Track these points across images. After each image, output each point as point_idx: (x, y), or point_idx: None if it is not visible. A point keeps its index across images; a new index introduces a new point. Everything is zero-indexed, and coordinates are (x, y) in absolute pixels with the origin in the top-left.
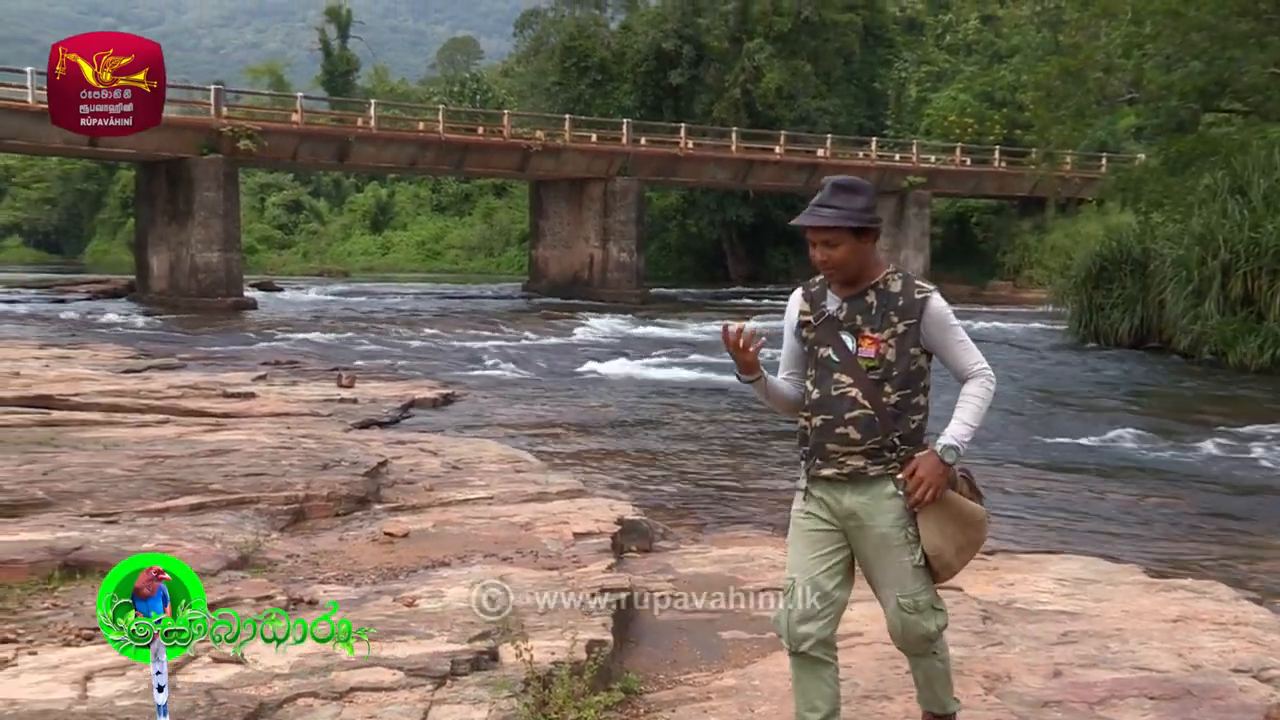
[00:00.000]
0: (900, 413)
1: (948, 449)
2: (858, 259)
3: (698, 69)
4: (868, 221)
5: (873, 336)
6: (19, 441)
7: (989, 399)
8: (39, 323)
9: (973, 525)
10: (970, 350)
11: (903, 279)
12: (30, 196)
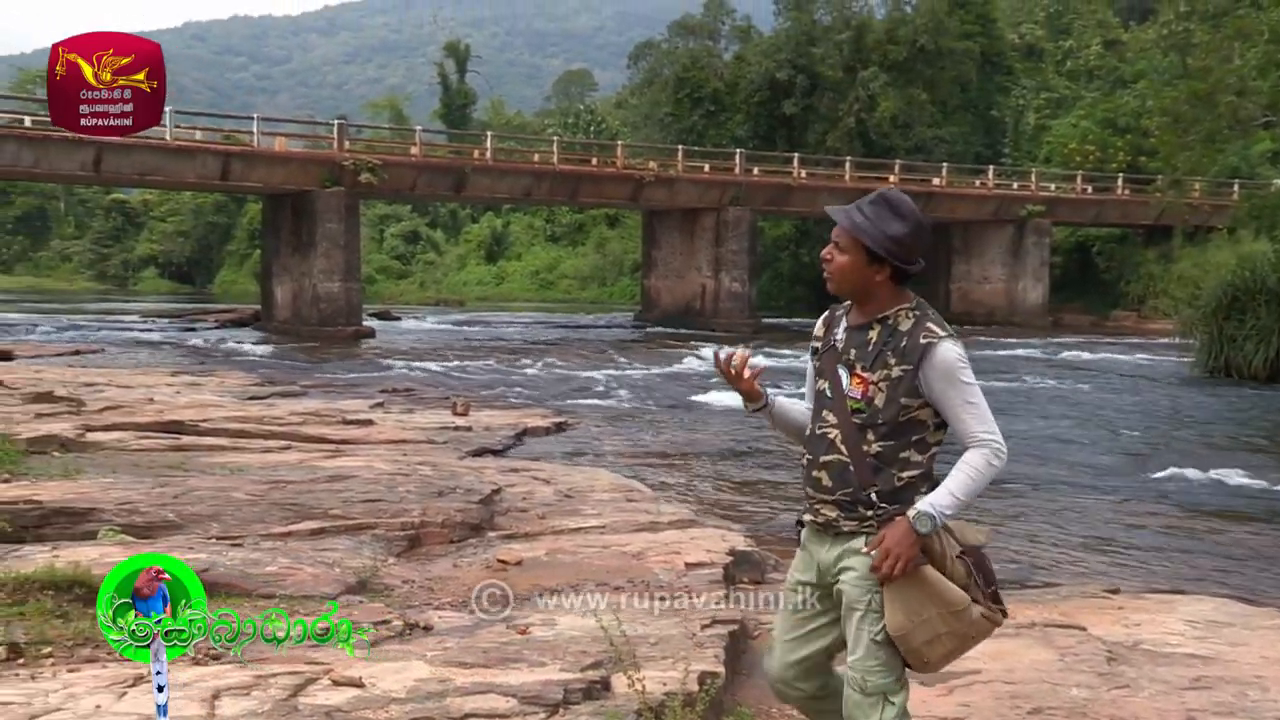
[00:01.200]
0: (882, 465)
1: (921, 516)
2: (863, 283)
3: (811, 98)
4: (887, 252)
5: (863, 376)
6: (152, 466)
7: (988, 474)
8: (171, 350)
9: (954, 614)
10: (978, 415)
11: (916, 318)
12: (166, 229)
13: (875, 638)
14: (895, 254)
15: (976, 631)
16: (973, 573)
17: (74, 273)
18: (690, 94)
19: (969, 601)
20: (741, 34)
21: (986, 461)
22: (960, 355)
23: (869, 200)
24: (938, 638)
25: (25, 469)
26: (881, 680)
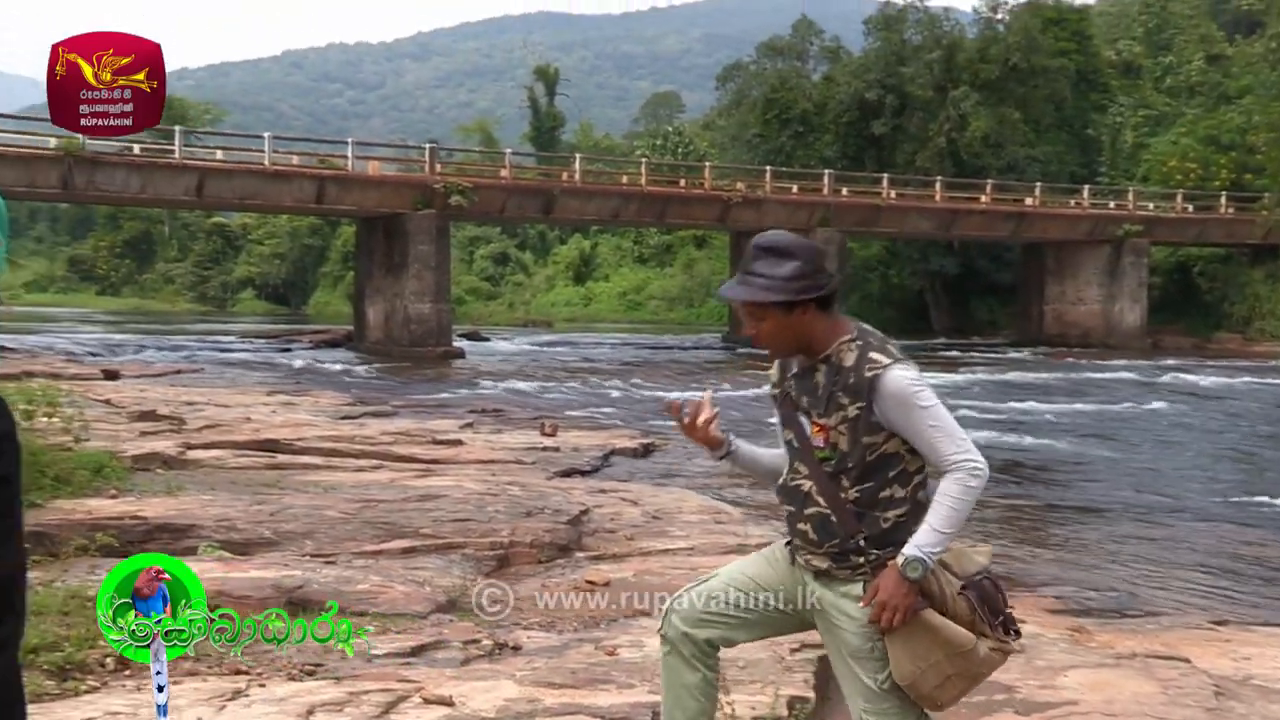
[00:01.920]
0: (864, 510)
1: (910, 563)
2: (794, 333)
3: (901, 118)
4: (796, 293)
5: (821, 423)
6: (249, 483)
7: (970, 497)
8: (267, 370)
9: (961, 655)
10: (946, 437)
11: (859, 349)
12: (263, 252)
13: (883, 685)
14: (805, 289)
15: (988, 668)
16: (976, 608)
17: (176, 294)
18: (778, 115)
19: (975, 640)
20: (830, 54)
21: (964, 485)
22: (912, 379)
23: (751, 260)
24: (947, 680)
25: (131, 485)
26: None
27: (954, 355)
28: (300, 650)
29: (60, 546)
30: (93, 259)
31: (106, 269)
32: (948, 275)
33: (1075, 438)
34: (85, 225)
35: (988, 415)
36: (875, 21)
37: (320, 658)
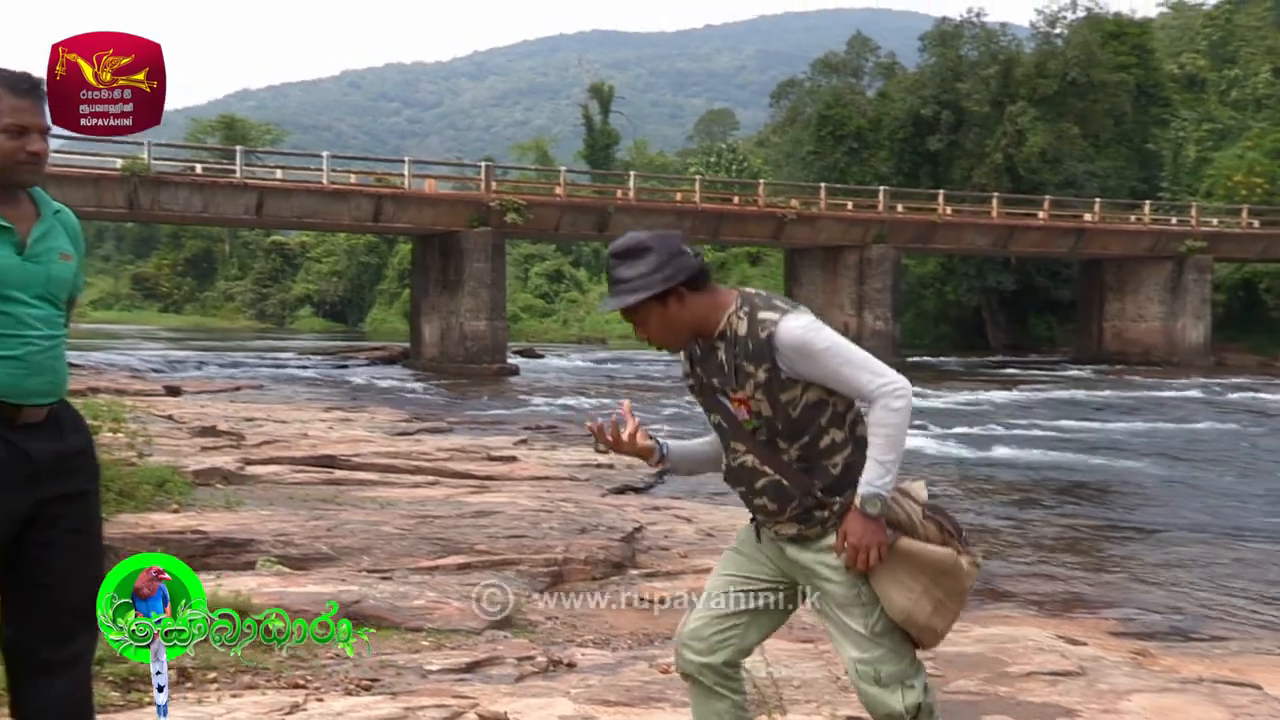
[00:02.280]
0: (811, 464)
1: (868, 500)
2: (680, 322)
3: (957, 134)
4: (663, 282)
5: (738, 396)
6: (307, 499)
7: (901, 420)
8: (325, 387)
9: (946, 574)
10: (858, 369)
11: (748, 315)
12: (321, 270)
13: (875, 629)
14: (669, 277)
15: (970, 582)
16: (946, 527)
17: (236, 312)
18: (833, 131)
19: (955, 556)
20: (885, 71)
21: (889, 409)
22: (805, 325)
23: (611, 269)
24: (939, 605)
25: (192, 500)
26: (895, 667)
27: (1011, 373)
28: (357, 665)
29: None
30: (156, 277)
31: (169, 287)
32: (1005, 292)
33: (1137, 457)
34: (149, 244)
35: (1046, 433)
36: (931, 37)
37: (376, 673)
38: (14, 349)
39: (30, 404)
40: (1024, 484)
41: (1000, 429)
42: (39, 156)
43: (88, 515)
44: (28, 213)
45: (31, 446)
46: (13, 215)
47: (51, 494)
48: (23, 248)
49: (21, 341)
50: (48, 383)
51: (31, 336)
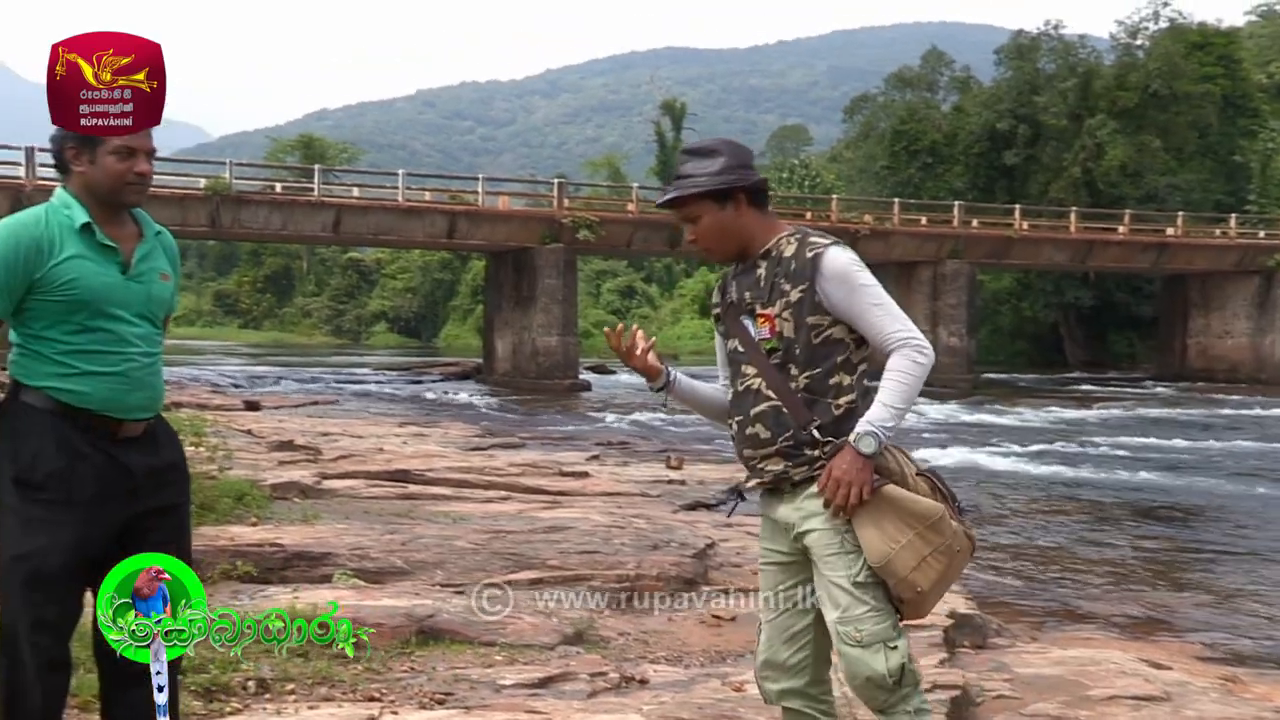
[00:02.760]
0: (815, 398)
1: (864, 437)
2: (732, 230)
3: (1034, 148)
4: (725, 183)
5: (765, 313)
6: (382, 513)
7: (918, 373)
8: (399, 402)
9: (932, 528)
10: (889, 314)
11: (798, 240)
12: (396, 286)
13: (857, 579)
14: (735, 180)
15: (960, 545)
16: (939, 486)
17: (313, 328)
18: (907, 146)
19: (943, 510)
20: (960, 85)
21: (912, 360)
22: (852, 258)
23: (679, 165)
24: (924, 560)
25: (270, 514)
26: (876, 626)
27: (1091, 390)
28: (431, 680)
29: (205, 571)
30: (236, 294)
31: (249, 303)
32: (1083, 308)
33: (1223, 476)
34: (230, 262)
35: (1127, 452)
36: (1008, 51)
37: (451, 687)
38: (116, 365)
39: (130, 419)
40: (1104, 503)
41: (1079, 447)
42: (145, 177)
43: (179, 528)
44: (131, 233)
45: (131, 460)
46: (118, 235)
47: (146, 507)
48: (127, 267)
49: (123, 358)
50: (146, 398)
51: (132, 353)
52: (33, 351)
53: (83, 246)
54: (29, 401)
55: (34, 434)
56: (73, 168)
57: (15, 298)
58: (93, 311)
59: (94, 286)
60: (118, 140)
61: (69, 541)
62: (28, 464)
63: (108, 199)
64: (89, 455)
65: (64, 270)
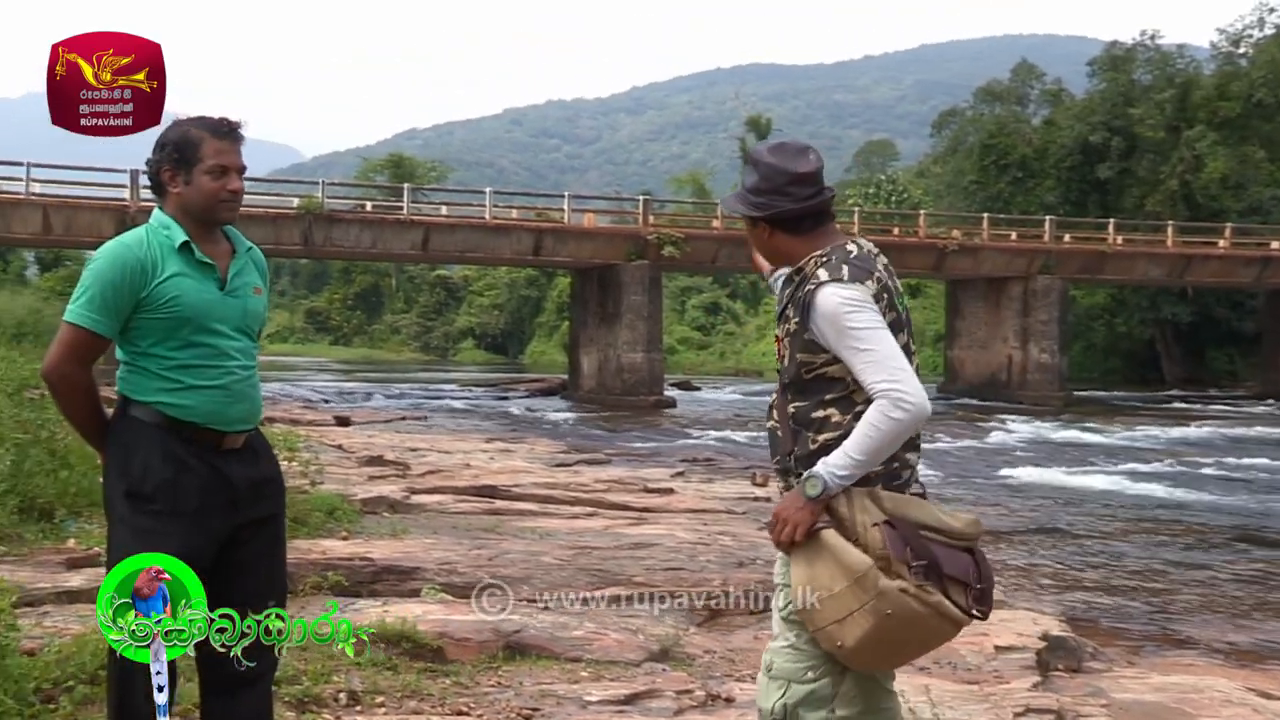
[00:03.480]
0: (799, 428)
1: (811, 478)
2: (765, 248)
3: (1128, 161)
4: (750, 207)
5: (777, 334)
6: (469, 528)
7: (890, 428)
8: (486, 418)
9: (858, 583)
10: (873, 362)
11: (825, 263)
12: (482, 303)
13: (783, 613)
14: (757, 205)
15: (895, 607)
16: (889, 542)
17: (402, 344)
18: (996, 160)
19: (869, 565)
20: (1052, 98)
21: (883, 414)
22: (845, 299)
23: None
24: (850, 616)
25: (360, 528)
26: (787, 664)
27: (1188, 408)
28: (518, 695)
29: (297, 584)
30: (327, 311)
31: (339, 320)
32: (1181, 324)
33: None
34: (321, 280)
35: (1229, 473)
36: (1101, 62)
37: (537, 702)
38: (218, 379)
39: (232, 431)
40: (1204, 526)
41: (1177, 467)
42: (238, 195)
43: (276, 539)
44: (225, 250)
45: (232, 472)
46: (213, 252)
47: (246, 518)
48: (223, 283)
49: (224, 371)
50: (246, 410)
51: (233, 366)
52: (139, 368)
53: (183, 265)
54: (137, 416)
55: (142, 447)
56: (169, 189)
57: (122, 317)
58: (195, 327)
59: (195, 303)
60: (211, 160)
61: (176, 551)
62: (137, 476)
63: (202, 217)
64: (194, 467)
65: (167, 288)
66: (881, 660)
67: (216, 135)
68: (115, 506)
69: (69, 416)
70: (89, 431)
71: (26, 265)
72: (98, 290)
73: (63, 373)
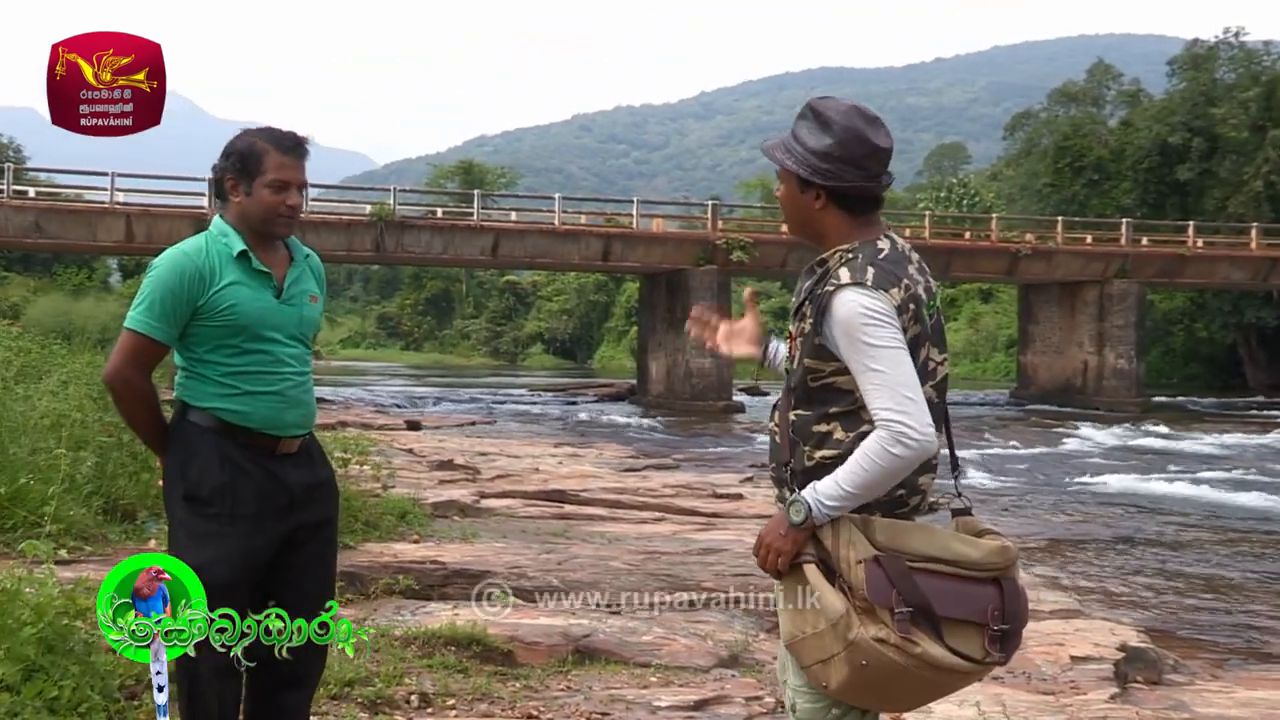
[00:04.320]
0: (797, 439)
1: (796, 503)
2: (801, 214)
3: (1209, 162)
4: (813, 171)
5: (791, 331)
6: (539, 532)
7: (886, 463)
8: (555, 422)
9: (834, 626)
10: (881, 389)
11: (849, 261)
12: (551, 309)
13: (786, 645)
14: (822, 172)
15: (869, 659)
16: (869, 585)
17: (472, 349)
18: (1071, 163)
19: (841, 613)
20: (1129, 98)
21: (883, 448)
22: (865, 309)
23: (799, 116)
24: (833, 660)
25: (430, 531)
26: (810, 705)
27: (1273, 415)
28: (587, 699)
29: (369, 587)
30: (398, 316)
31: (410, 325)
32: (1266, 328)
33: None
34: (392, 285)
35: None
36: (1182, 61)
37: (607, 707)
38: (274, 385)
39: (287, 435)
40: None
41: (1262, 475)
42: (296, 210)
43: (330, 542)
44: (282, 258)
45: (288, 476)
46: (270, 261)
47: (301, 521)
48: (279, 292)
49: (280, 378)
50: (301, 415)
51: (288, 373)
52: (197, 374)
53: (240, 273)
54: (194, 421)
55: (200, 452)
56: (230, 197)
57: (180, 324)
58: (250, 334)
59: (250, 311)
60: (273, 174)
61: (235, 553)
62: (195, 481)
63: (259, 229)
64: (250, 471)
65: (224, 296)
66: (881, 704)
67: (280, 149)
68: (174, 510)
69: (130, 422)
70: (149, 437)
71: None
72: (157, 297)
73: (124, 378)
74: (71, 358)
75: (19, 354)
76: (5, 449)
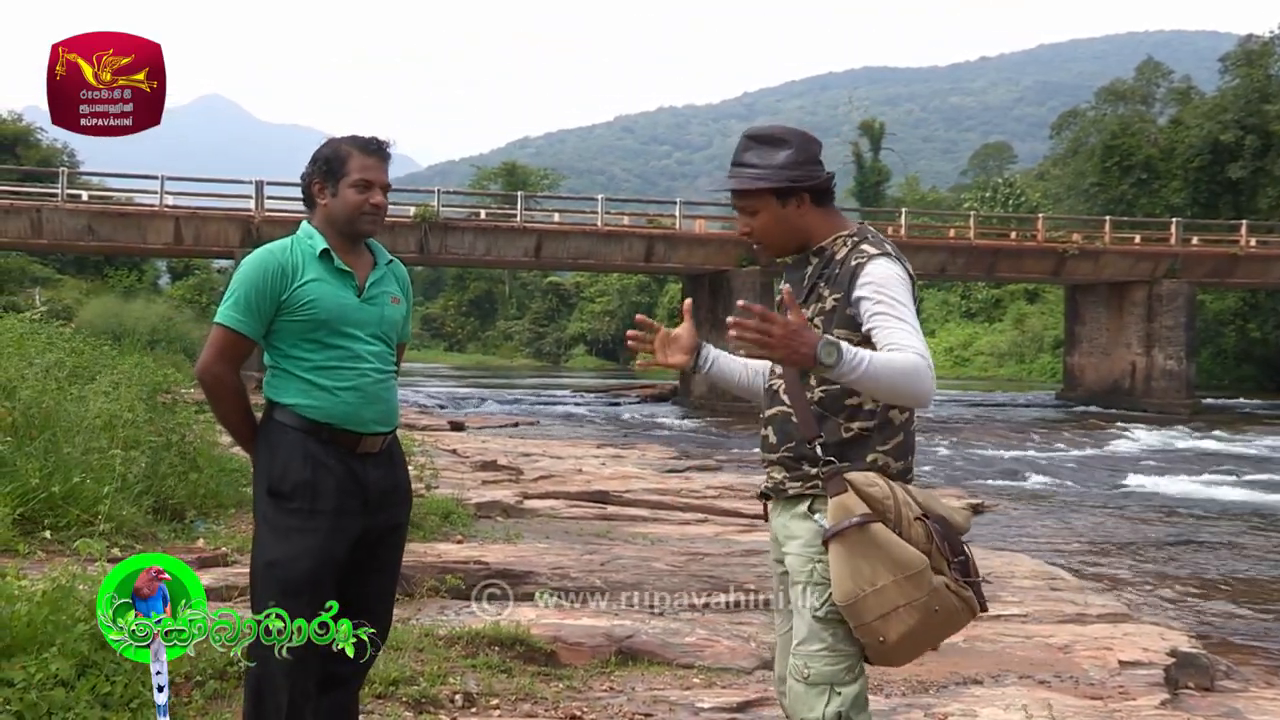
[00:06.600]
0: (826, 414)
1: (829, 346)
2: (789, 227)
3: (1263, 160)
4: (789, 180)
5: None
6: (581, 533)
7: (911, 371)
8: (598, 423)
9: (910, 579)
10: (910, 332)
11: (853, 243)
12: (594, 310)
13: (818, 613)
14: (799, 178)
15: (941, 604)
16: (934, 537)
17: (514, 350)
18: (1119, 162)
19: (926, 564)
20: (1179, 96)
21: (914, 363)
22: (897, 274)
23: (741, 151)
24: (895, 611)
25: (474, 531)
26: (827, 667)
27: None
28: (630, 700)
29: (414, 587)
30: (442, 317)
31: (454, 326)
32: None
33: None
34: (436, 286)
35: None
36: (1234, 57)
37: (650, 708)
38: (353, 380)
39: (368, 433)
40: None
41: None
42: (380, 209)
43: (399, 545)
44: (366, 261)
45: (368, 476)
46: (353, 262)
47: (376, 522)
48: (360, 291)
49: (359, 374)
50: (380, 412)
51: (366, 369)
52: (283, 370)
53: (321, 270)
54: (280, 419)
55: (283, 448)
56: (317, 201)
57: (265, 319)
58: (330, 330)
59: (330, 306)
60: (356, 174)
61: (315, 549)
62: (278, 476)
63: (345, 229)
64: (331, 468)
65: (305, 292)
66: (907, 655)
67: (364, 152)
68: (259, 505)
69: (221, 417)
70: (240, 433)
71: (159, 275)
72: (243, 292)
73: (214, 373)
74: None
75: (71, 354)
76: (60, 449)
